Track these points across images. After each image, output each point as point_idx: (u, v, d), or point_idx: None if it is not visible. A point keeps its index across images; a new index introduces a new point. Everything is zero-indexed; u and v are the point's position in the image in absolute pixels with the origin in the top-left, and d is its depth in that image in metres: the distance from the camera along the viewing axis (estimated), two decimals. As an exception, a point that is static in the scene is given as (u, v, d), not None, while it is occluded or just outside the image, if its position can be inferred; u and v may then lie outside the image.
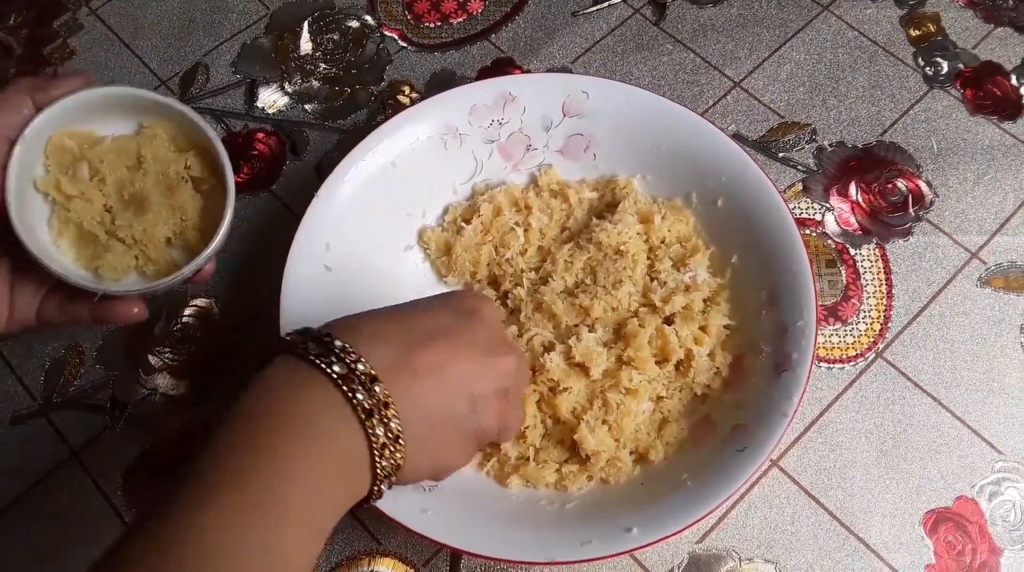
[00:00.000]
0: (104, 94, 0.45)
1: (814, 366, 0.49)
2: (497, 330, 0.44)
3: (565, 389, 0.52)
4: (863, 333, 0.58)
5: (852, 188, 0.64)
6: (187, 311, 0.60)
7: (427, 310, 0.43)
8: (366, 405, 0.37)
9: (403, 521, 0.47)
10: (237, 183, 0.48)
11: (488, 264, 0.59)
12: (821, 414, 0.56)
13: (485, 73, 0.70)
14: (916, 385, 0.57)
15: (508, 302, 0.57)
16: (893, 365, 0.57)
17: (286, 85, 0.69)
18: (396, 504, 0.47)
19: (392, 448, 0.38)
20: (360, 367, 0.37)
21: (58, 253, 0.46)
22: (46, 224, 0.46)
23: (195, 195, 0.48)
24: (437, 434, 0.41)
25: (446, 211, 0.60)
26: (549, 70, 0.70)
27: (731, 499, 0.47)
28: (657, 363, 0.53)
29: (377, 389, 0.37)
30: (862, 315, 0.59)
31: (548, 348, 0.54)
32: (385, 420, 0.37)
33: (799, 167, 0.65)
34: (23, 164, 0.43)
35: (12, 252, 0.43)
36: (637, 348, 0.52)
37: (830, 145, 0.65)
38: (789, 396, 0.48)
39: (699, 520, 0.45)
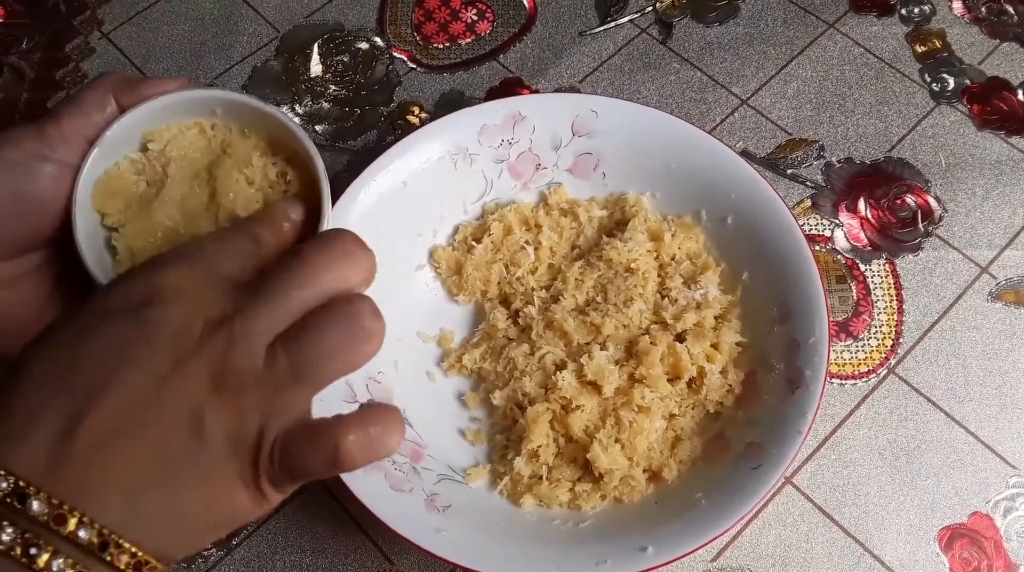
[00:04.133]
0: (192, 98, 0.41)
1: (827, 383, 0.49)
2: (190, 300, 0.32)
3: (577, 407, 0.52)
4: (875, 349, 0.58)
5: (861, 204, 0.64)
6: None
7: (88, 330, 0.31)
8: (31, 550, 0.27)
9: (417, 541, 0.47)
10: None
11: (499, 283, 0.59)
12: (834, 431, 0.56)
13: (494, 93, 0.70)
14: (929, 401, 0.57)
15: (519, 320, 0.57)
16: (905, 381, 0.57)
17: (297, 107, 0.70)
18: (410, 524, 0.47)
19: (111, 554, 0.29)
20: (3, 485, 0.28)
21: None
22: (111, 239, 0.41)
23: None
24: (167, 499, 0.30)
25: (456, 230, 0.61)
26: (557, 90, 0.70)
27: (745, 517, 0.47)
28: (669, 381, 0.53)
29: (36, 508, 0.27)
30: (873, 331, 0.59)
31: (560, 366, 0.54)
32: (72, 539, 0.28)
33: (807, 183, 0.65)
34: (99, 168, 0.40)
35: (57, 262, 0.40)
36: (649, 366, 0.52)
37: (838, 161, 0.66)
38: (803, 413, 0.48)
39: (715, 539, 0.45)
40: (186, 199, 0.42)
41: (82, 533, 0.28)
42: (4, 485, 0.28)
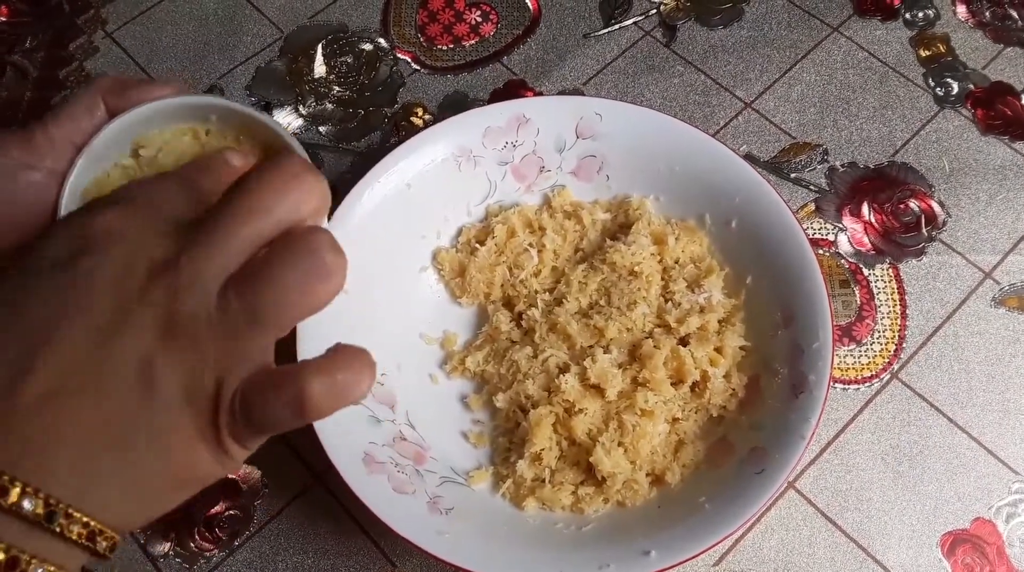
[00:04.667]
0: (185, 104, 0.40)
1: (830, 387, 0.49)
2: (129, 243, 0.29)
3: (580, 410, 0.52)
4: (878, 354, 0.58)
5: (864, 208, 0.64)
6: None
7: (20, 287, 0.29)
8: None
9: (419, 543, 0.47)
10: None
11: (502, 285, 0.59)
12: (837, 435, 0.56)
13: (497, 95, 0.70)
14: (932, 406, 0.56)
15: (522, 323, 0.57)
16: (908, 386, 0.57)
17: (300, 108, 0.70)
18: (412, 527, 0.47)
19: (61, 526, 0.26)
20: None
21: None
22: None
23: None
24: (120, 463, 0.28)
25: (460, 232, 0.61)
26: (561, 92, 0.70)
27: (748, 522, 0.47)
28: (672, 384, 0.53)
29: None
30: (876, 336, 0.59)
31: (563, 369, 0.54)
32: (16, 511, 0.26)
33: (811, 187, 0.65)
34: (86, 177, 0.39)
35: None
36: (652, 369, 0.52)
37: (842, 165, 0.66)
38: (807, 418, 0.48)
39: (718, 543, 0.45)
40: None
41: (26, 504, 0.26)
42: None
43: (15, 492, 0.26)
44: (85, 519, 0.27)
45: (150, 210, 0.31)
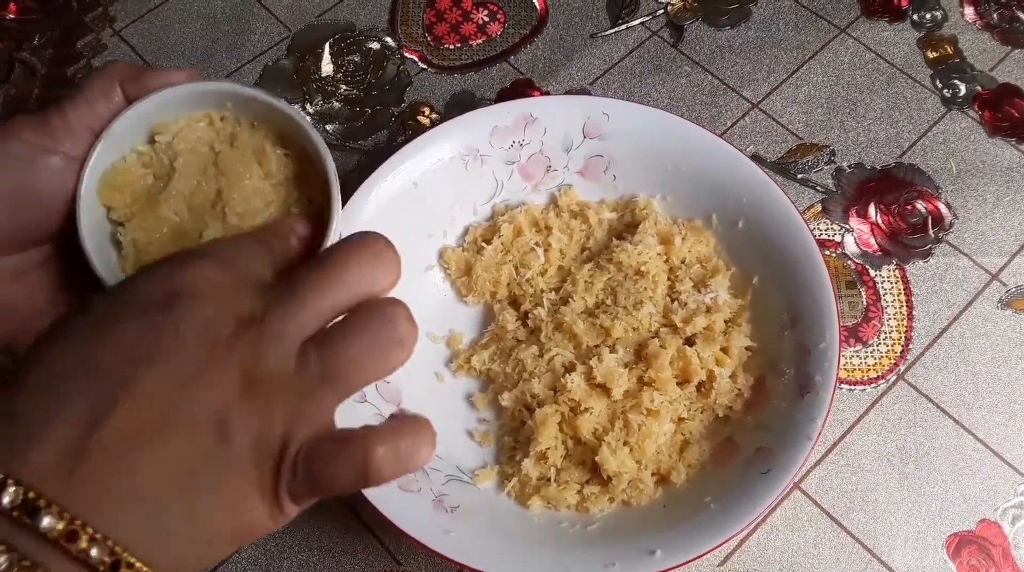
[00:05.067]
0: (201, 91, 0.40)
1: (836, 388, 0.49)
2: (219, 296, 0.30)
3: (586, 410, 0.52)
4: (884, 355, 0.58)
5: (871, 209, 0.64)
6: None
7: (105, 327, 0.29)
8: None
9: (425, 542, 0.47)
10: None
11: (508, 284, 0.59)
12: (843, 436, 0.56)
13: (504, 94, 0.70)
14: (938, 407, 0.56)
15: (528, 322, 0.57)
16: (914, 387, 0.57)
17: (308, 106, 0.70)
18: (418, 525, 0.47)
19: None
20: (5, 500, 0.25)
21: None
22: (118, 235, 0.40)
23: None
24: (186, 513, 0.28)
25: (466, 231, 0.61)
26: (568, 91, 0.70)
27: (754, 522, 0.47)
28: (678, 384, 0.53)
29: (47, 524, 0.25)
30: (883, 337, 0.59)
31: (569, 368, 0.54)
32: (83, 558, 0.26)
33: (818, 188, 0.65)
34: (104, 162, 0.38)
35: (65, 255, 0.39)
36: (658, 369, 0.52)
37: (849, 166, 0.66)
38: (813, 418, 0.48)
39: (724, 543, 0.45)
40: (193, 194, 0.41)
41: (94, 552, 0.26)
42: (11, 496, 0.25)
43: (84, 539, 0.26)
44: (145, 569, 0.27)
45: (238, 266, 0.32)
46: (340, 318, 0.33)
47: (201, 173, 0.41)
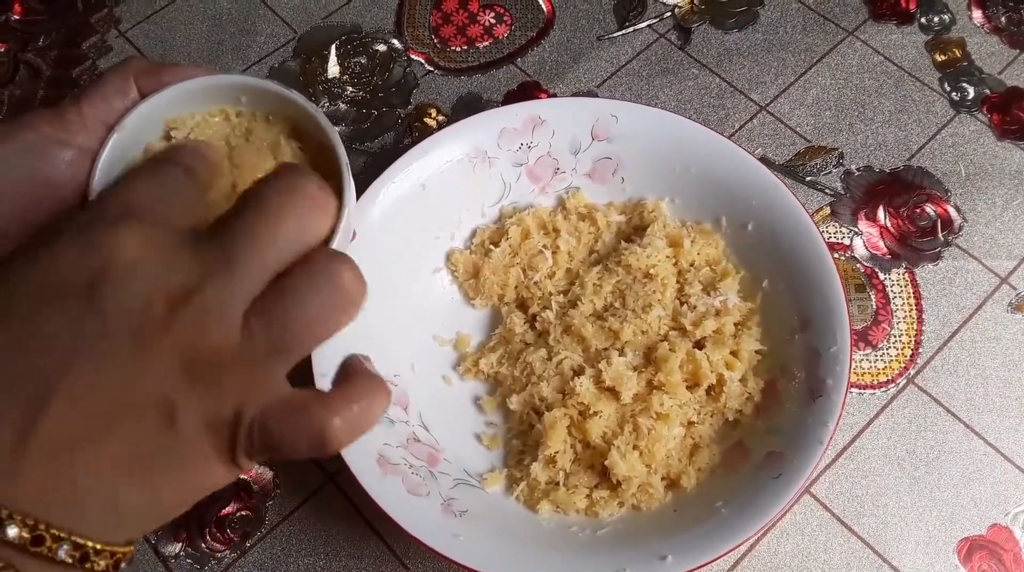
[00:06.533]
0: (216, 84, 0.39)
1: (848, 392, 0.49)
2: (146, 270, 0.28)
3: (595, 413, 0.52)
4: (894, 358, 0.58)
5: (880, 212, 0.63)
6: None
7: (28, 318, 0.27)
8: None
9: (433, 546, 0.46)
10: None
11: (516, 287, 0.58)
12: (853, 440, 0.55)
13: (511, 97, 0.70)
14: (948, 411, 0.56)
15: (536, 325, 0.57)
16: (925, 391, 0.57)
17: (313, 108, 0.70)
18: (426, 529, 0.47)
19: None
20: None
21: None
22: None
23: None
24: (142, 492, 0.28)
25: (474, 234, 0.60)
26: (575, 94, 0.70)
27: (765, 527, 0.47)
28: (688, 388, 0.53)
29: (13, 534, 0.25)
30: (893, 340, 0.59)
31: (578, 372, 0.54)
32: (51, 557, 0.26)
33: (827, 191, 0.65)
34: (117, 155, 0.38)
35: None
36: (668, 372, 0.52)
37: (857, 169, 0.65)
38: (824, 422, 0.48)
39: (735, 547, 0.45)
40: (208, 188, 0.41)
41: (61, 551, 0.26)
42: None
43: (49, 540, 0.26)
44: (112, 550, 0.28)
45: (161, 225, 0.30)
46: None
47: (216, 167, 0.41)
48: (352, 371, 0.32)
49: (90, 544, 0.27)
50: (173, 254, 0.29)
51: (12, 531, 0.25)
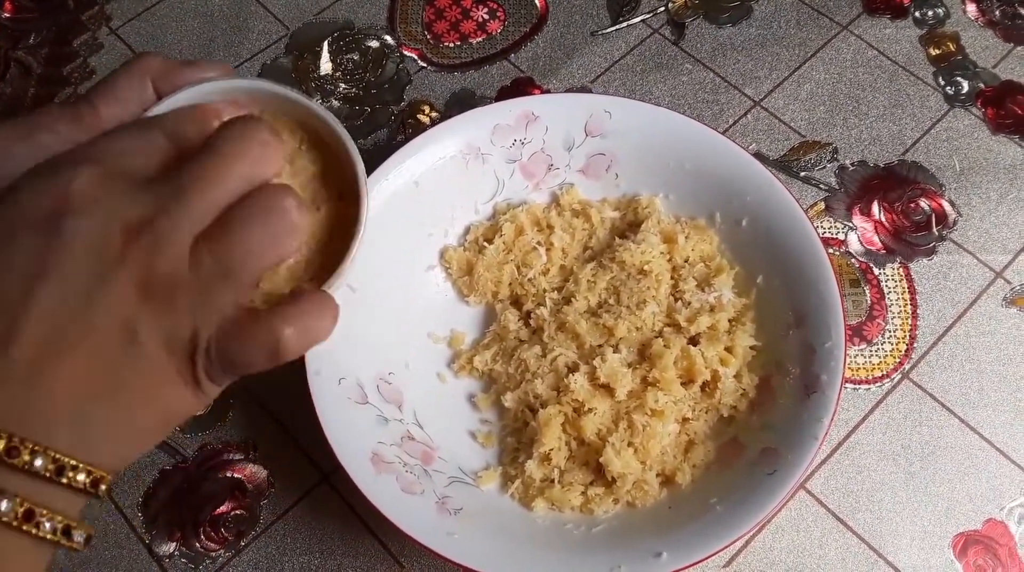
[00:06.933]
0: (233, 87, 0.40)
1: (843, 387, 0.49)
2: (103, 205, 0.30)
3: (590, 410, 0.52)
4: (889, 353, 0.58)
5: (875, 207, 0.63)
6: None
7: None
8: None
9: (428, 544, 0.46)
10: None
11: (510, 284, 0.58)
12: (848, 436, 0.55)
13: (505, 93, 0.70)
14: (943, 406, 0.56)
15: (531, 322, 0.57)
16: (919, 386, 0.57)
17: (306, 104, 0.69)
18: (421, 527, 0.47)
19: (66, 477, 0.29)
20: None
21: None
22: None
23: (314, 213, 0.39)
24: (112, 412, 0.30)
25: (468, 231, 0.60)
26: (568, 90, 0.70)
27: (760, 523, 0.47)
28: (683, 384, 0.53)
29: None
30: (887, 335, 0.58)
31: (572, 368, 0.54)
32: (27, 469, 0.28)
33: (821, 186, 0.64)
34: None
35: None
36: (662, 369, 0.52)
37: (852, 164, 0.65)
38: (819, 418, 0.48)
39: (731, 544, 0.45)
40: None
41: (37, 462, 0.28)
42: None
43: (26, 452, 0.28)
44: (90, 468, 0.29)
45: (118, 169, 0.32)
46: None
47: None
48: (301, 290, 0.36)
49: (66, 459, 0.29)
50: (129, 192, 0.31)
51: None
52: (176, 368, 0.32)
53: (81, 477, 0.29)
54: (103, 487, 0.30)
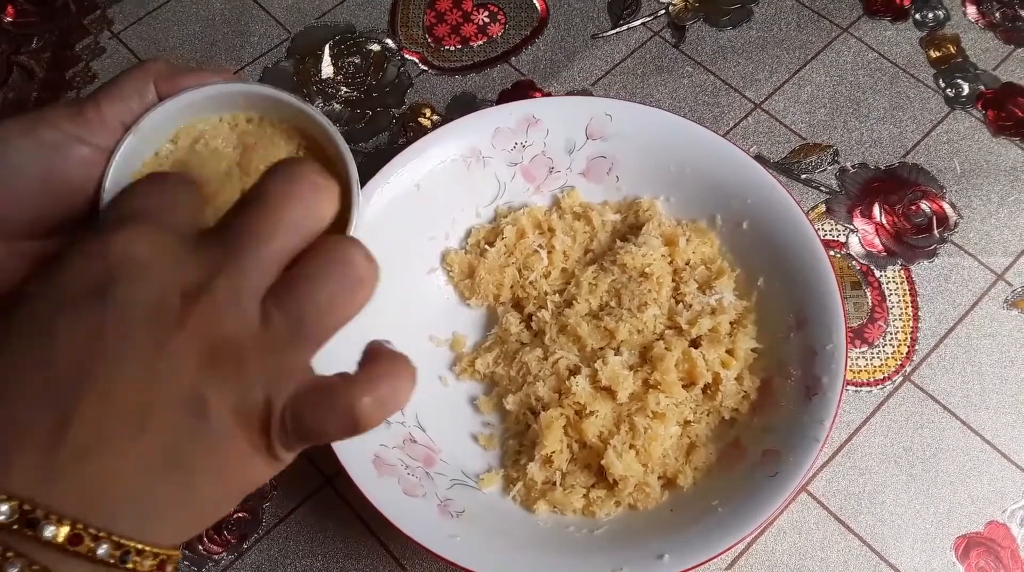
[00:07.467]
0: (235, 92, 0.39)
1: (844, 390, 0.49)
2: (156, 268, 0.29)
3: (592, 413, 0.52)
4: (890, 356, 0.58)
5: (876, 209, 0.63)
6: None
7: (48, 325, 0.28)
8: None
9: (430, 547, 0.46)
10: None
11: (512, 287, 0.58)
12: (849, 438, 0.55)
13: (506, 96, 0.70)
14: (945, 408, 0.56)
15: (532, 325, 0.57)
16: (921, 388, 0.57)
17: (308, 108, 0.70)
18: (423, 529, 0.47)
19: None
20: (1, 517, 0.25)
21: None
22: None
23: None
24: (180, 489, 0.28)
25: (469, 234, 0.60)
26: (569, 92, 0.70)
27: (762, 525, 0.47)
28: (684, 387, 0.53)
29: (49, 533, 0.25)
30: (889, 337, 0.59)
31: (574, 371, 0.54)
32: (91, 557, 0.26)
33: (822, 189, 0.64)
34: (131, 156, 0.38)
35: None
36: (664, 372, 0.52)
37: (853, 166, 0.65)
38: (820, 420, 0.48)
39: (733, 546, 0.45)
40: (217, 195, 0.41)
41: (101, 550, 0.26)
42: (6, 512, 0.25)
43: (88, 539, 0.26)
44: (155, 551, 0.27)
45: (166, 227, 0.30)
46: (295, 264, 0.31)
47: (226, 174, 0.41)
48: (375, 352, 0.32)
49: (131, 543, 0.27)
50: (181, 253, 0.29)
51: (49, 530, 0.25)
52: (249, 440, 0.29)
53: (147, 563, 0.27)
54: (170, 568, 0.28)
